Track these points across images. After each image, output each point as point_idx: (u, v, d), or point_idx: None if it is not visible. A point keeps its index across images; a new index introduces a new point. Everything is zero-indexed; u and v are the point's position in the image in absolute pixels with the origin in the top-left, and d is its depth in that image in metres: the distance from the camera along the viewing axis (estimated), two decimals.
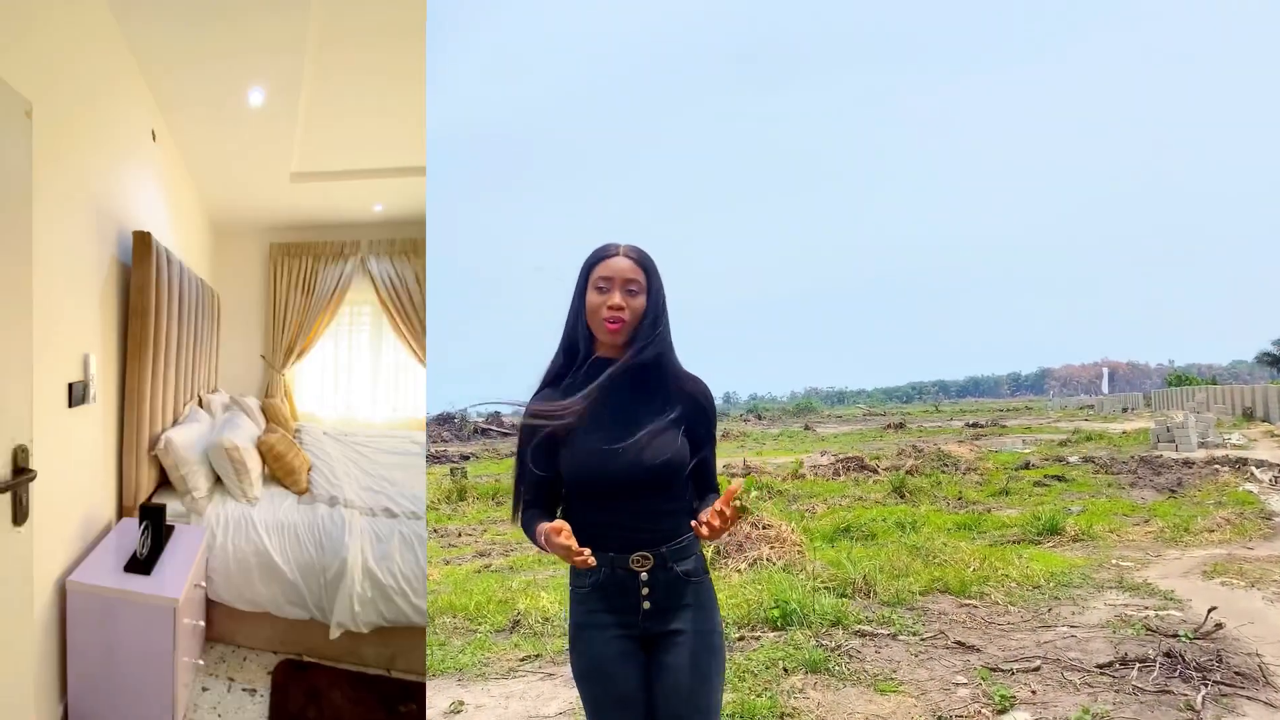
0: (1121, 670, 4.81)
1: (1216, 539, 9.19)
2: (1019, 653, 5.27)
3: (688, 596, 2.21)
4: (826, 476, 16.08)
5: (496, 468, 21.94)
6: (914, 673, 4.95)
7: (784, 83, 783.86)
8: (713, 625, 2.24)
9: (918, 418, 54.68)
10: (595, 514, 2.18)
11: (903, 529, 9.71)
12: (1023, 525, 9.89)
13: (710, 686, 2.21)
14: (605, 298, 2.20)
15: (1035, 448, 22.44)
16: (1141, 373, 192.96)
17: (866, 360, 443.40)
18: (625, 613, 2.18)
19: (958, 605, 6.40)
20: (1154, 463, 16.41)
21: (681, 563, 2.20)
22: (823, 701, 4.50)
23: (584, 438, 2.19)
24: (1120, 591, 6.79)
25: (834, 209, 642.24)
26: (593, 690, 2.20)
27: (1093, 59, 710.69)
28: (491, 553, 9.90)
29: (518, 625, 6.09)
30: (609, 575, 2.17)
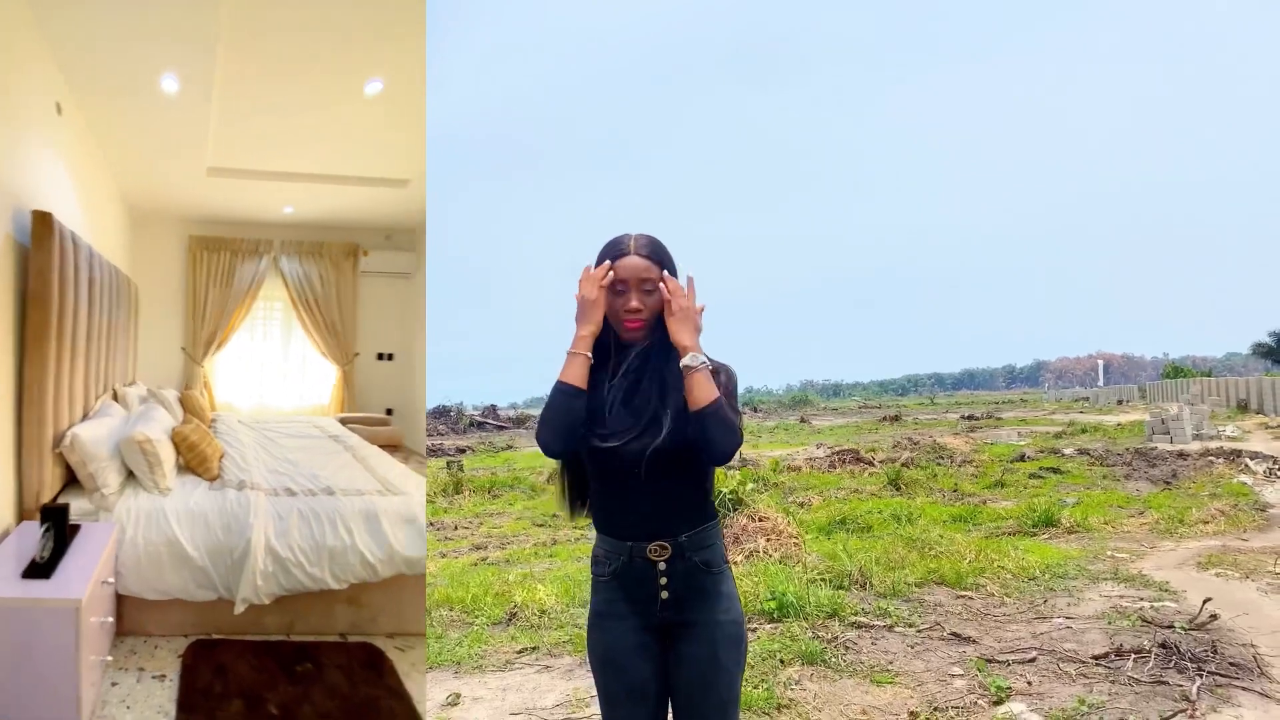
0: (1117, 661, 4.83)
1: (1211, 530, 9.22)
2: (1015, 644, 5.28)
3: (707, 587, 2.20)
4: (822, 469, 16.10)
5: (492, 460, 21.96)
6: (910, 664, 4.96)
7: (775, 78, 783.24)
8: (733, 616, 2.23)
9: (913, 410, 54.81)
10: (614, 499, 2.20)
11: (898, 521, 9.73)
12: (1018, 517, 9.91)
13: (730, 678, 2.20)
14: (622, 300, 2.21)
15: (1030, 440, 22.49)
16: (1137, 365, 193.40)
17: (862, 353, 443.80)
18: (643, 602, 2.19)
19: (954, 597, 6.41)
20: (1149, 455, 16.44)
21: (700, 552, 2.19)
22: (819, 693, 4.51)
23: (606, 420, 2.20)
24: (1115, 583, 6.81)
25: (830, 202, 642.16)
26: (605, 679, 2.22)
27: (1089, 47, 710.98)
28: (488, 545, 9.90)
29: (514, 618, 6.10)
30: (627, 564, 2.18)
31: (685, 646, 2.19)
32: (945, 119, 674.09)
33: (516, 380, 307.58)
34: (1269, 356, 53.69)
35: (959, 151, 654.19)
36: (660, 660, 2.20)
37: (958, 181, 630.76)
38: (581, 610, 6.14)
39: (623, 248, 2.23)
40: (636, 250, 2.22)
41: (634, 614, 2.19)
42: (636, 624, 2.19)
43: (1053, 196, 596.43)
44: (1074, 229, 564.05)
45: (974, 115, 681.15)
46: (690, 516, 2.19)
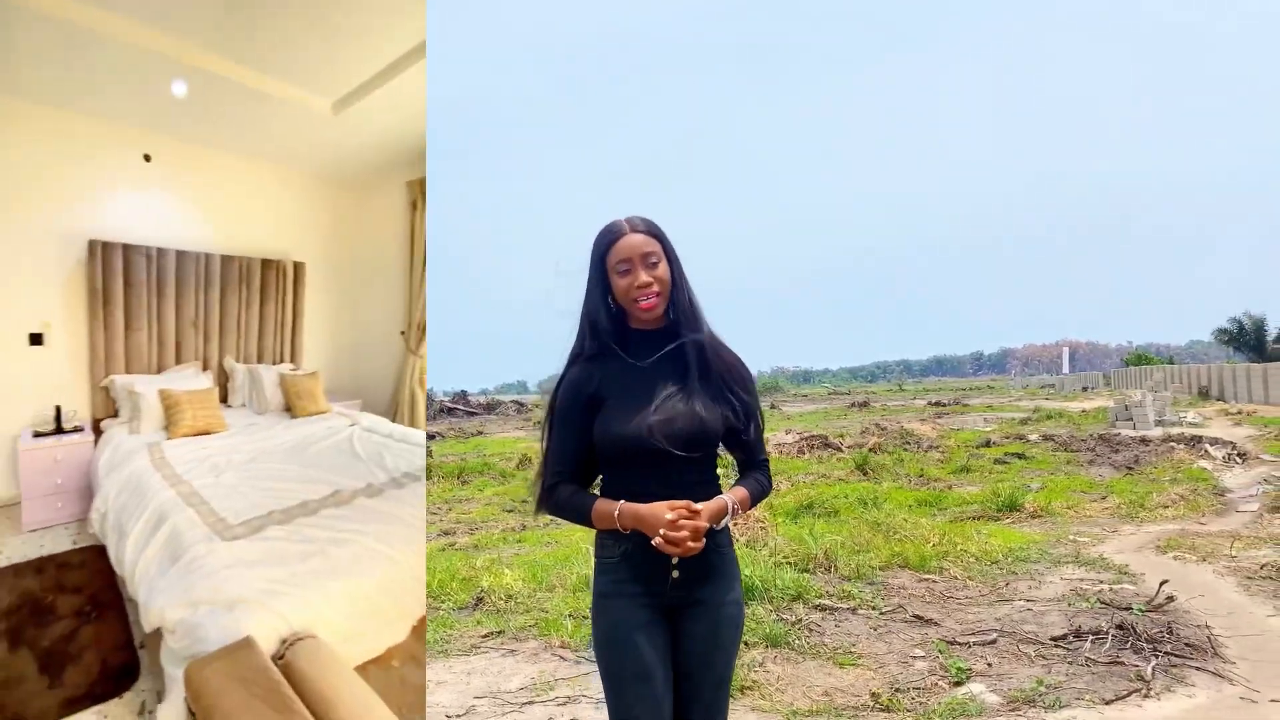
0: (1075, 642, 4.90)
1: (1171, 515, 9.38)
2: (976, 626, 5.34)
3: (715, 566, 2.22)
4: (791, 454, 16.18)
5: (461, 447, 21.86)
6: (873, 646, 5.01)
7: (755, 63, 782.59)
8: (735, 596, 2.26)
9: (882, 396, 55.06)
10: (628, 483, 2.18)
11: (865, 505, 9.80)
12: (983, 502, 10.03)
13: (727, 657, 2.25)
14: (630, 279, 2.19)
15: (996, 426, 22.71)
16: (1101, 352, 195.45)
17: (832, 340, 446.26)
18: (653, 582, 2.18)
19: (917, 580, 6.48)
20: (1112, 441, 16.67)
21: (711, 534, 2.19)
22: (783, 675, 4.54)
23: (620, 406, 2.19)
24: (1076, 566, 6.91)
25: (799, 190, 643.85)
26: (610, 660, 2.20)
27: (1059, 35, 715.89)
28: (456, 531, 9.88)
29: (481, 603, 6.08)
30: (639, 545, 2.16)
31: (689, 625, 2.21)
32: (911, 106, 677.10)
33: (488, 366, 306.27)
34: (1230, 344, 54.48)
35: (927, 140, 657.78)
36: (667, 640, 2.21)
37: (927, 170, 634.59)
38: (548, 595, 6.15)
39: (619, 230, 2.22)
40: (634, 229, 2.21)
41: (643, 594, 2.19)
42: (645, 604, 2.19)
43: (1020, 186, 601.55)
44: (1040, 219, 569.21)
45: (941, 103, 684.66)
46: (703, 497, 2.19)
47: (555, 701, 4.32)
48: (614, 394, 2.21)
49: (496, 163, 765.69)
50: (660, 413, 2.17)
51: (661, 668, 2.18)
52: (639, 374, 2.22)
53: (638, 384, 2.21)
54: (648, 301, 2.19)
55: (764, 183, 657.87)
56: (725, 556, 2.25)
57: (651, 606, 2.19)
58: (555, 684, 4.52)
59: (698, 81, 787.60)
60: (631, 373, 2.22)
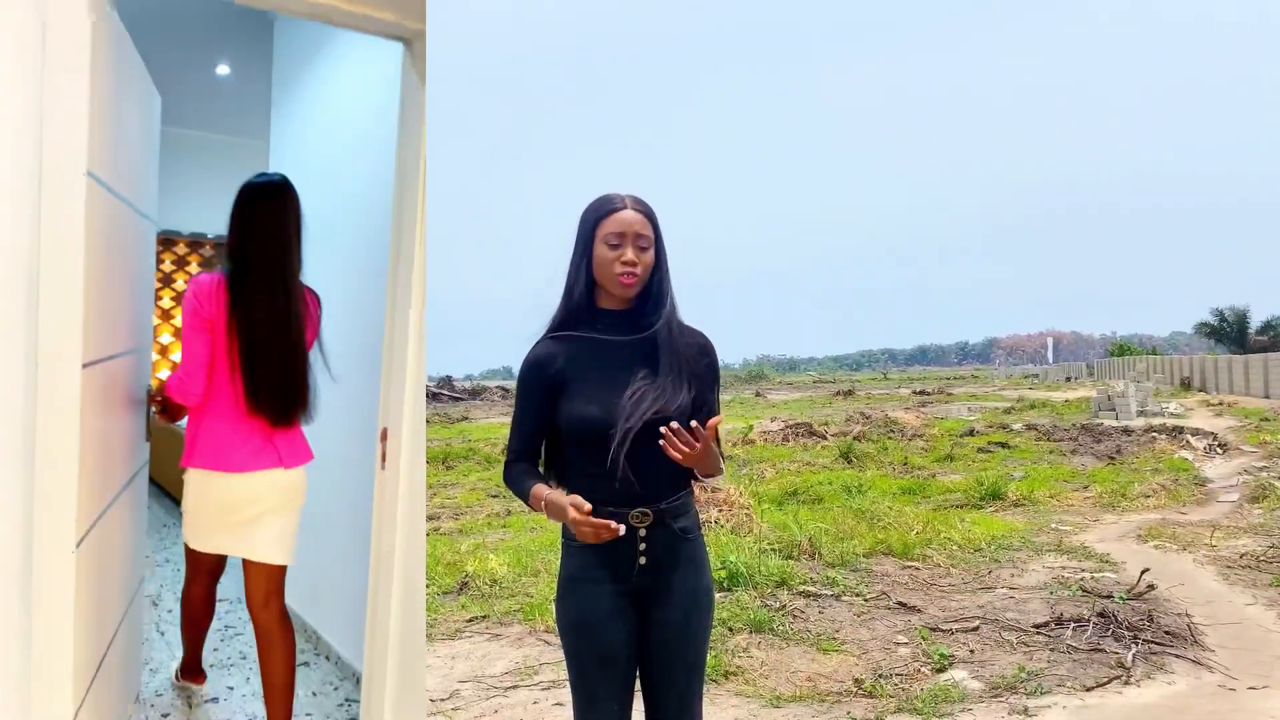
0: (1056, 630, 4.93)
1: (1152, 504, 9.46)
2: (959, 613, 5.37)
3: (683, 553, 2.19)
4: (776, 442, 16.23)
5: (446, 432, 21.81)
6: (856, 632, 5.03)
7: (745, 55, 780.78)
8: (704, 582, 2.23)
9: (866, 385, 55.32)
10: (593, 466, 2.12)
11: (849, 493, 9.84)
12: (966, 490, 10.09)
13: (699, 642, 2.22)
14: (618, 253, 2.14)
15: (980, 415, 22.83)
16: (1085, 343, 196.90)
17: (817, 329, 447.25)
18: (620, 568, 2.15)
19: (900, 567, 6.50)
20: (1095, 430, 16.79)
21: (679, 520, 2.17)
22: (766, 660, 4.55)
23: (584, 387, 2.15)
24: (1058, 554, 6.96)
25: (786, 179, 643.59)
26: (576, 645, 2.18)
27: (1048, 27, 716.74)
28: (441, 516, 9.86)
29: (465, 587, 6.08)
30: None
31: (658, 611, 2.18)
32: (897, 97, 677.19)
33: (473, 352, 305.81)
34: (1212, 336, 54.93)
35: (914, 130, 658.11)
36: (634, 626, 2.18)
37: (912, 160, 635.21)
38: (533, 580, 6.14)
39: (617, 202, 2.17)
40: (632, 206, 2.17)
41: (610, 579, 2.15)
42: (612, 589, 2.16)
43: (1004, 176, 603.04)
44: (1025, 210, 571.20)
45: (928, 94, 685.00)
46: (671, 483, 2.17)
47: (539, 686, 4.32)
48: (578, 376, 2.17)
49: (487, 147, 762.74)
50: (626, 396, 2.12)
51: (625, 650, 2.17)
52: (605, 355, 2.18)
53: (603, 365, 2.17)
54: (628, 280, 2.14)
55: (751, 174, 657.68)
56: (694, 544, 2.23)
57: (619, 592, 2.16)
58: (539, 668, 4.52)
59: (695, 77, 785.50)
60: (598, 353, 2.18)
